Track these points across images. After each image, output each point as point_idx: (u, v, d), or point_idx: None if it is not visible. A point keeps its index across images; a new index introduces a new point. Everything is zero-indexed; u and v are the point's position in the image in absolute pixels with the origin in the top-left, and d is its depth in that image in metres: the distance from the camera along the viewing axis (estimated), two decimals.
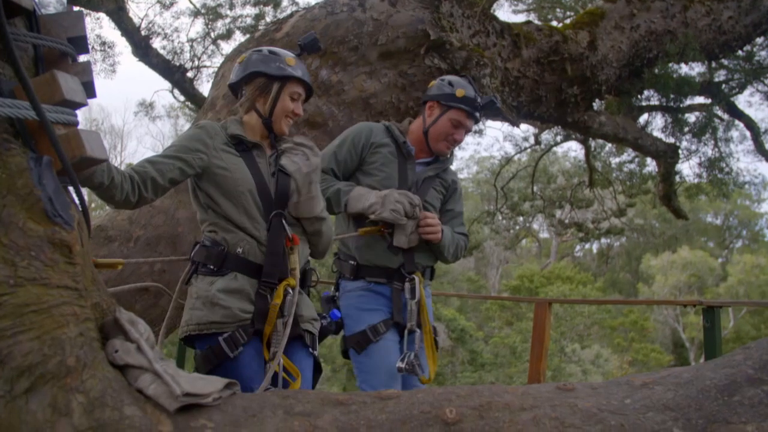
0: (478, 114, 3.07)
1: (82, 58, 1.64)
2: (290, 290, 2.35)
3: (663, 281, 29.75)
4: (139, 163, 2.30)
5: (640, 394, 1.21)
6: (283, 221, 2.39)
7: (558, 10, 9.34)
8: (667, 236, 33.55)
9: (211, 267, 2.35)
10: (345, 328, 2.99)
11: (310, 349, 2.50)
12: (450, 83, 3.06)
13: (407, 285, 2.96)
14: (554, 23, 8.39)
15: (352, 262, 3.04)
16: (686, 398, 1.17)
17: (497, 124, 5.75)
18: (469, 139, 10.40)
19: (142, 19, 9.76)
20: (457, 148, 3.38)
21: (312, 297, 2.72)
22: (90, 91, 1.58)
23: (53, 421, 1.12)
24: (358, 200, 2.93)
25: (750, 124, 8.18)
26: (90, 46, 9.60)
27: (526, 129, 13.10)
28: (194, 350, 2.39)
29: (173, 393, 1.24)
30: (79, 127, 1.47)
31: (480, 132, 9.93)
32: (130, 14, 9.27)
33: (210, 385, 1.31)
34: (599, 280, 32.03)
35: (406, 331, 2.91)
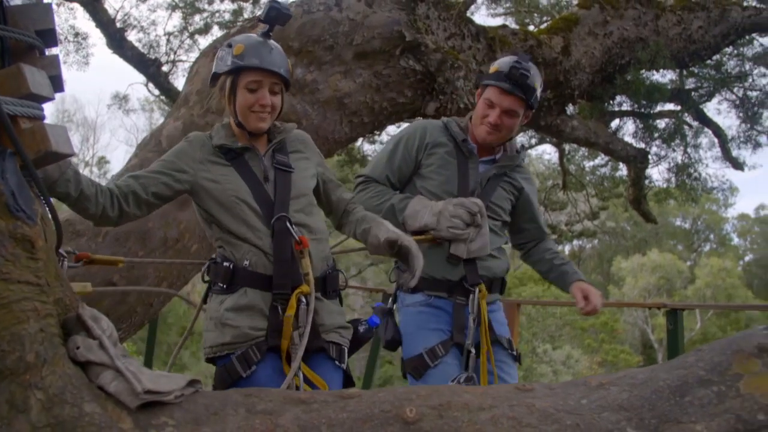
0: (515, 90, 2.60)
1: (51, 51, 1.63)
2: (304, 299, 2.14)
3: (633, 283, 30.20)
4: (123, 177, 2.18)
5: (597, 394, 1.24)
6: (288, 224, 2.19)
7: (535, 15, 9.43)
8: (637, 239, 34.05)
9: (222, 285, 2.20)
10: (403, 348, 2.71)
11: (337, 362, 2.27)
12: (496, 62, 2.70)
13: (471, 299, 2.64)
14: (531, 28, 8.48)
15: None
16: (640, 399, 1.20)
17: None
18: None
19: (118, 11, 9.65)
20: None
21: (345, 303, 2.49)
22: (58, 84, 1.56)
23: (10, 417, 1.11)
24: (414, 218, 2.66)
25: (718, 131, 8.36)
26: (63, 37, 9.47)
27: None
28: None
29: (134, 390, 1.24)
30: (46, 121, 1.45)
31: None
32: (106, 5, 9.16)
33: (172, 382, 1.31)
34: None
35: (465, 351, 2.59)
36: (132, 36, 9.71)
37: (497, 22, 9.29)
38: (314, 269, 2.22)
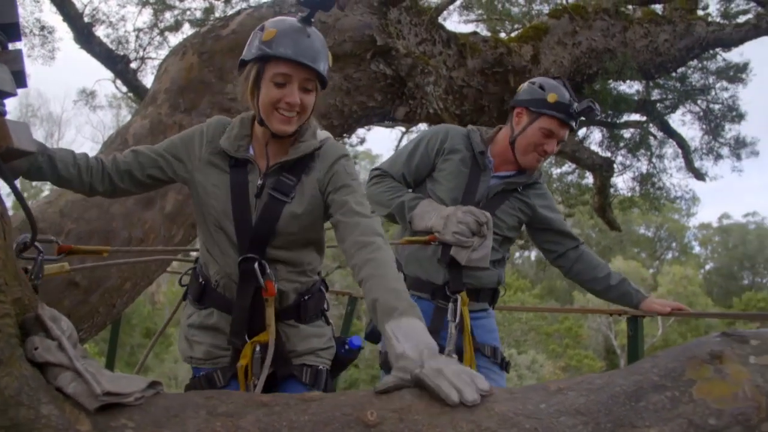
0: (573, 122, 2.68)
1: (15, 45, 1.60)
2: (258, 348, 1.95)
3: None
4: (126, 151, 2.02)
5: (555, 399, 1.26)
6: (257, 267, 1.93)
7: (507, 23, 9.53)
8: (602, 246, 34.58)
9: (192, 298, 2.11)
10: (381, 343, 2.69)
11: (310, 386, 2.06)
12: (541, 86, 2.68)
13: (450, 306, 2.67)
14: (503, 35, 8.57)
15: (399, 272, 2.78)
16: (597, 403, 1.23)
17: None
18: None
19: (86, 5, 9.49)
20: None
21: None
22: (21, 80, 1.53)
23: None
24: (421, 218, 2.68)
25: (681, 142, 8.54)
26: (28, 30, 9.28)
27: None
28: None
29: (93, 392, 1.23)
30: (8, 116, 1.43)
31: None
32: None
33: (132, 384, 1.30)
34: (537, 287, 32.75)
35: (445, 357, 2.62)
36: (100, 31, 9.55)
37: (469, 28, 9.39)
38: (285, 300, 2.05)
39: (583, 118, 2.75)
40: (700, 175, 8.78)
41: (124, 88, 10.76)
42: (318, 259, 2.15)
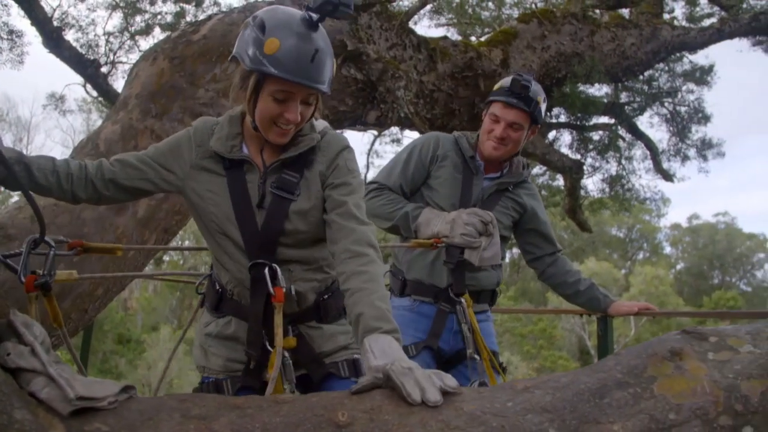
0: (515, 100, 2.66)
1: None
2: (285, 353, 1.85)
3: None
4: (114, 158, 1.91)
5: (522, 397, 1.29)
6: (267, 272, 1.83)
7: (477, 27, 9.61)
8: (574, 247, 34.94)
9: (210, 306, 2.02)
10: None
11: (354, 378, 1.92)
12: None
13: (458, 309, 2.71)
14: (473, 39, 8.65)
15: (401, 278, 2.83)
16: (562, 401, 1.26)
17: (415, 134, 5.96)
18: (387, 147, 10.47)
19: (55, 9, 9.37)
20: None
21: None
22: None
23: None
24: (427, 226, 2.70)
25: (649, 144, 8.68)
26: None
27: None
28: None
29: (67, 396, 1.23)
30: None
31: (398, 141, 10.09)
32: (42, 3, 8.88)
33: (106, 388, 1.31)
34: (511, 289, 32.98)
35: (468, 359, 2.66)
36: (70, 35, 9.42)
37: (440, 32, 9.45)
38: (303, 301, 1.95)
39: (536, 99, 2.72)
40: (668, 176, 8.93)
41: (95, 93, 10.62)
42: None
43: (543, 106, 2.79)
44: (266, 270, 1.82)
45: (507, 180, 2.86)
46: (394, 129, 9.02)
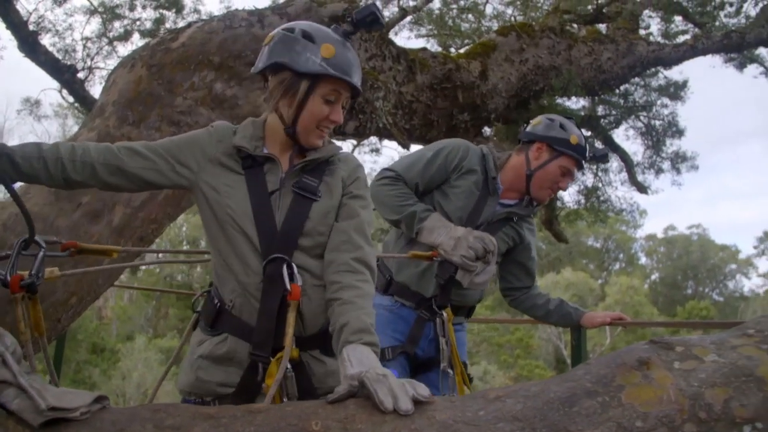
0: (584, 165, 2.84)
1: None
2: (289, 365, 1.73)
3: None
4: (123, 145, 1.86)
5: (493, 406, 1.31)
6: (285, 268, 1.78)
7: (457, 39, 9.69)
8: (551, 258, 35.21)
9: (205, 324, 1.91)
10: None
11: None
12: (562, 126, 2.78)
13: (438, 320, 2.73)
14: (453, 50, 8.72)
15: (387, 276, 2.81)
16: (533, 410, 1.29)
17: (394, 144, 5.99)
18: (366, 157, 10.49)
19: (31, 13, 9.27)
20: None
21: None
22: None
23: None
24: (430, 233, 2.68)
25: (624, 156, 8.80)
26: None
27: None
28: None
29: (38, 407, 1.23)
30: None
31: (377, 150, 10.12)
32: (18, 7, 8.79)
33: (78, 399, 1.30)
34: (488, 298, 33.12)
35: (440, 372, 2.68)
36: (46, 40, 9.33)
37: (420, 43, 9.52)
38: (310, 324, 1.86)
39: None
40: (642, 188, 9.05)
41: (71, 98, 10.52)
42: None
43: None
44: (284, 266, 1.78)
45: (518, 211, 2.88)
46: (374, 139, 9.05)
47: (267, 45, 1.90)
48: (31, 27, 8.96)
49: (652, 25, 9.03)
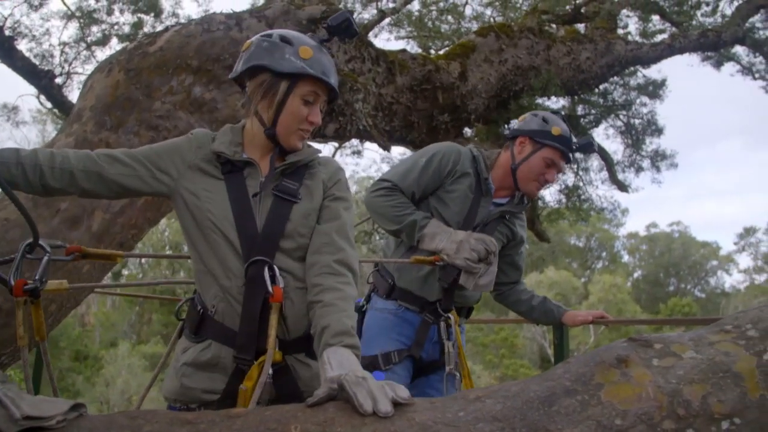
0: (572, 155, 2.85)
1: None
2: (270, 369, 1.73)
3: None
4: (102, 152, 1.85)
5: (473, 407, 1.31)
6: (267, 271, 1.78)
7: (437, 40, 9.72)
8: (535, 257, 35.36)
9: (189, 332, 1.89)
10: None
11: None
12: (544, 119, 2.81)
13: (442, 324, 2.74)
14: (433, 52, 8.74)
15: (390, 281, 2.81)
16: (512, 409, 1.28)
17: (375, 146, 6.00)
18: (348, 159, 10.51)
19: (6, 18, 9.17)
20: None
21: None
22: None
23: None
24: (432, 239, 2.69)
25: (604, 155, 8.87)
26: None
27: (403, 152, 13.43)
28: None
29: (12, 417, 1.21)
30: None
31: (359, 152, 10.12)
32: None
33: (54, 407, 1.28)
34: None
35: (445, 375, 2.69)
36: (22, 45, 9.23)
37: (400, 45, 9.54)
38: (294, 327, 1.86)
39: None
40: (623, 187, 9.12)
41: (49, 104, 10.41)
42: None
43: None
44: (266, 268, 1.78)
45: (510, 209, 2.90)
46: (355, 141, 9.04)
47: (245, 51, 1.93)
48: (7, 32, 8.85)
49: (630, 24, 9.13)
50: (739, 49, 8.66)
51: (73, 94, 9.24)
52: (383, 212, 2.74)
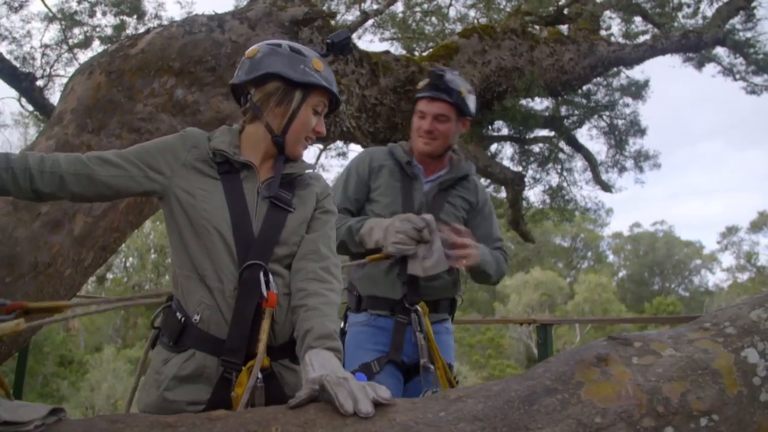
0: (445, 95, 2.71)
1: None
2: (260, 375, 1.70)
3: (517, 300, 31.49)
4: (95, 155, 1.83)
5: (454, 407, 1.31)
6: (262, 275, 1.77)
7: (421, 42, 9.73)
8: (520, 258, 35.50)
9: (168, 341, 1.83)
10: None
11: None
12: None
13: (413, 317, 2.62)
14: (416, 53, 8.75)
15: (355, 293, 2.76)
16: (493, 409, 1.29)
17: (359, 148, 6.00)
18: (333, 161, 10.51)
19: None
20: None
21: None
22: None
23: None
24: (369, 236, 2.62)
25: (588, 156, 8.93)
26: None
27: None
28: None
29: None
30: None
31: (344, 154, 10.12)
32: None
33: (32, 411, 1.28)
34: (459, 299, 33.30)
35: (421, 368, 2.58)
36: (3, 47, 9.14)
37: (384, 46, 9.54)
38: (281, 332, 1.85)
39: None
40: (607, 187, 9.19)
41: (31, 107, 10.30)
42: None
43: (469, 98, 2.79)
44: (261, 272, 1.77)
45: (448, 177, 2.82)
46: (339, 143, 9.05)
47: (251, 58, 1.93)
48: None
49: (613, 25, 9.21)
50: (720, 50, 8.77)
51: (54, 97, 9.16)
52: None
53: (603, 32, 8.63)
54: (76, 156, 1.81)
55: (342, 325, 2.77)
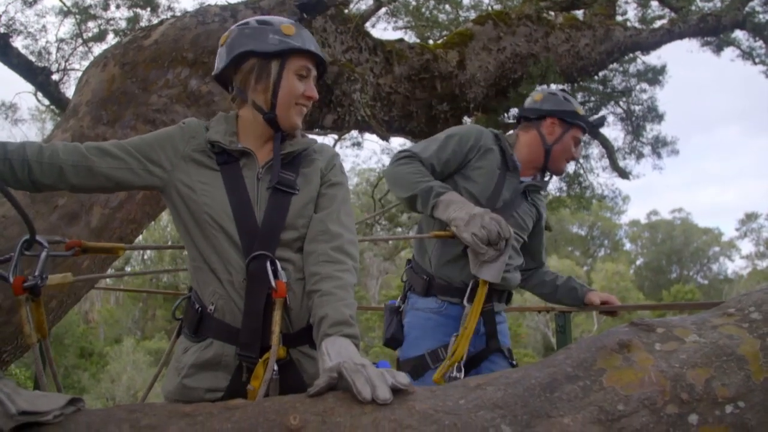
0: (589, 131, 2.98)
1: None
2: (275, 368, 1.69)
3: None
4: (94, 145, 1.81)
5: (474, 394, 1.30)
6: (269, 265, 1.74)
7: (435, 30, 9.67)
8: None
9: (188, 331, 1.84)
10: (403, 349, 2.70)
11: None
12: (566, 98, 2.89)
13: (487, 309, 2.66)
14: (430, 41, 8.69)
15: (425, 277, 2.75)
16: (513, 396, 1.27)
17: (374, 137, 5.99)
18: (348, 151, 10.49)
19: (1, 15, 9.13)
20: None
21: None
22: None
23: None
24: (446, 207, 2.56)
25: (605, 143, 8.84)
26: None
27: (402, 142, 13.41)
28: None
29: (8, 412, 1.19)
30: None
31: (359, 144, 10.09)
32: None
33: (51, 402, 1.27)
34: None
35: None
36: (18, 42, 9.19)
37: (398, 34, 9.49)
38: (297, 318, 1.83)
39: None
40: (624, 174, 9.09)
41: (47, 101, 10.37)
42: None
43: None
44: (268, 263, 1.74)
45: (536, 184, 2.90)
46: (354, 132, 9.02)
47: (223, 45, 1.91)
48: (1, 29, 8.82)
49: (629, 10, 9.08)
50: (739, 34, 8.62)
51: (70, 91, 9.19)
52: (400, 179, 2.68)
53: (619, 17, 8.52)
54: (75, 146, 1.79)
55: (400, 304, 2.81)
